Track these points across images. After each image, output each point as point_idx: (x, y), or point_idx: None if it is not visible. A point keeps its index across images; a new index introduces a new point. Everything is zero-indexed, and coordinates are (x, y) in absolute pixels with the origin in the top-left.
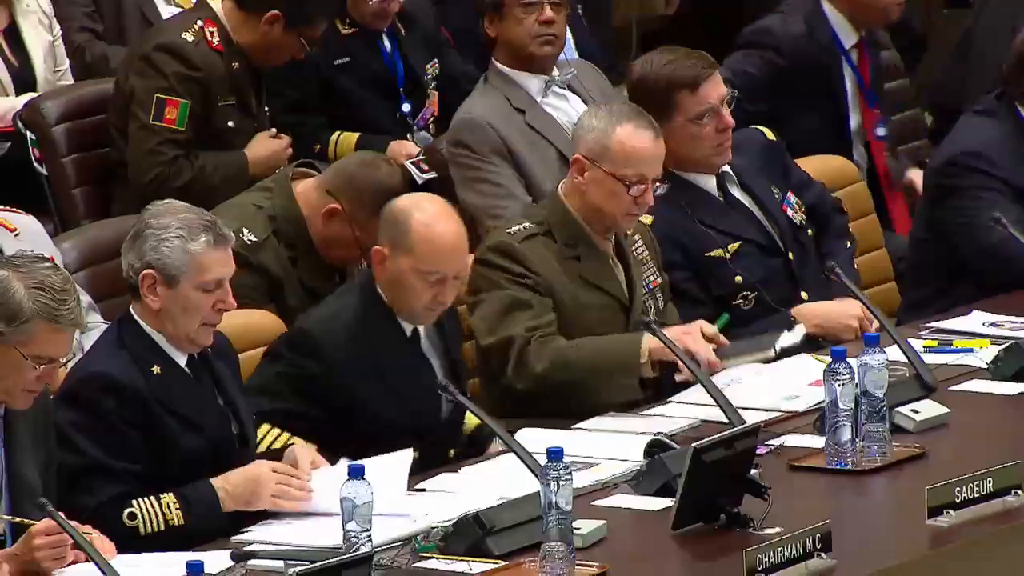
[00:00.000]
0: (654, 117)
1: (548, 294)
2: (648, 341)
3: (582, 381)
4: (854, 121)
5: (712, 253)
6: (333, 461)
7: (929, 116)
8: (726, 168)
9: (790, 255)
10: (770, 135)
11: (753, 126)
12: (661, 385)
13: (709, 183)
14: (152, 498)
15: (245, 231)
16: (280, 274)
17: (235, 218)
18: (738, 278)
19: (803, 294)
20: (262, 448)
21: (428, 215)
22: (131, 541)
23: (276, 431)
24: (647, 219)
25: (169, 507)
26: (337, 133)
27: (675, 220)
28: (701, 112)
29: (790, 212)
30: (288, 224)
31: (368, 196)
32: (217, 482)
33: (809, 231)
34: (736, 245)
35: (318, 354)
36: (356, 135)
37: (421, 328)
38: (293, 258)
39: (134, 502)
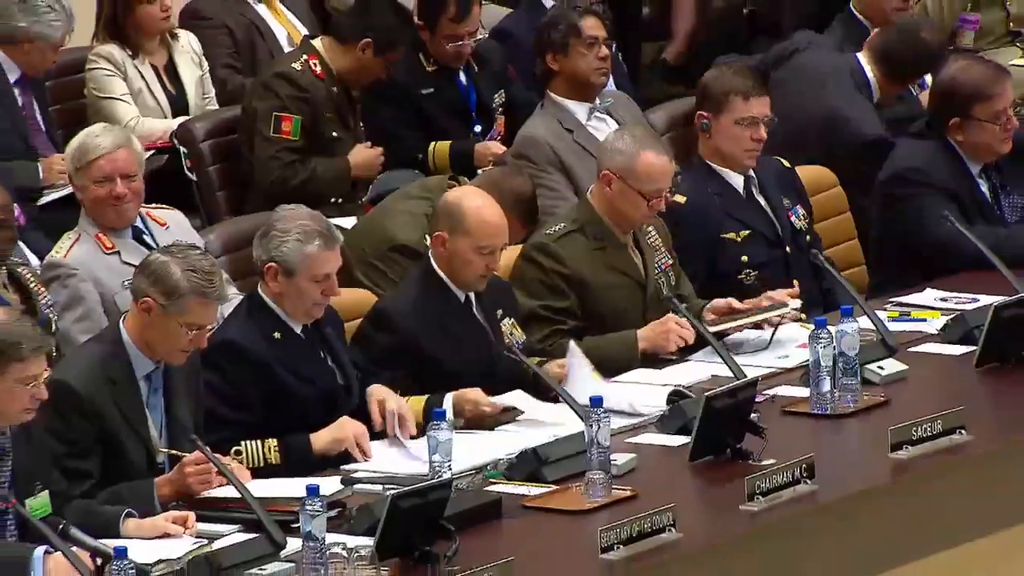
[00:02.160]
0: (709, 112)
1: (577, 284)
2: (640, 342)
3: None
4: None
5: (727, 235)
6: None
7: None
8: (751, 173)
9: (787, 249)
10: (785, 164)
11: (773, 156)
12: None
13: (737, 181)
14: (258, 441)
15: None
16: None
17: (415, 227)
18: (744, 258)
19: (795, 281)
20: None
21: (477, 203)
22: None
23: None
24: (681, 199)
25: (270, 449)
26: (432, 143)
27: (703, 203)
28: (744, 118)
29: (794, 219)
30: None
31: (511, 202)
32: (313, 436)
33: (807, 237)
34: (747, 233)
35: (391, 326)
36: (448, 143)
37: (472, 296)
38: None
39: (243, 443)
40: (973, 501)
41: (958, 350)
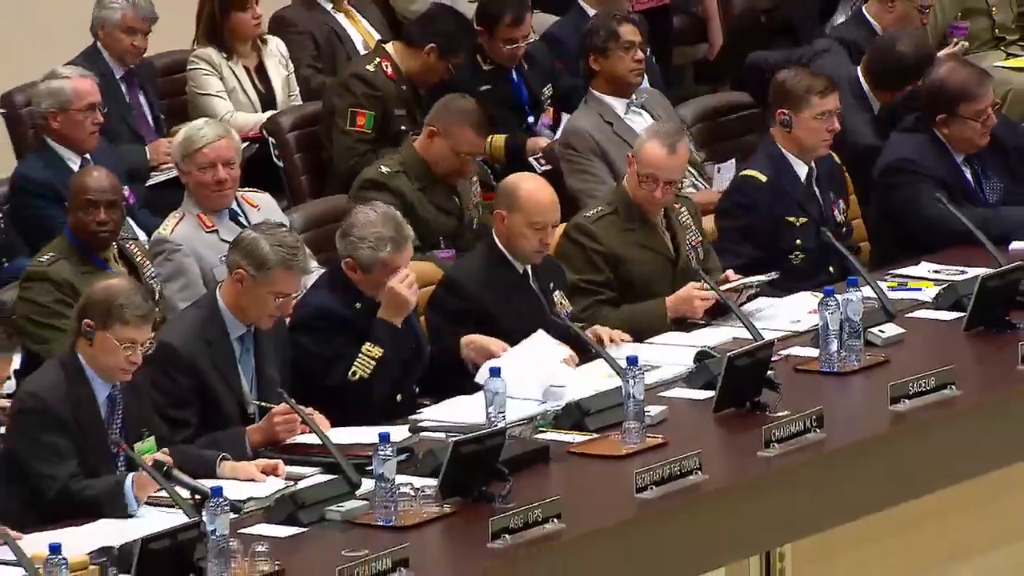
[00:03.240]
0: (789, 108)
1: (612, 260)
2: (669, 311)
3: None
4: None
5: (790, 218)
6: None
7: None
8: (812, 165)
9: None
10: (836, 159)
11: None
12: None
13: (802, 171)
14: (360, 354)
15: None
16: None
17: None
18: (799, 241)
19: (830, 267)
20: None
21: (531, 184)
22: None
23: None
24: (763, 177)
25: (370, 351)
26: (490, 137)
27: (780, 185)
28: (823, 113)
29: (836, 212)
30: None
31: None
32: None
33: (843, 228)
34: (805, 220)
35: (462, 295)
36: (503, 136)
37: (529, 268)
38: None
39: (354, 365)
40: (962, 448)
41: (949, 316)
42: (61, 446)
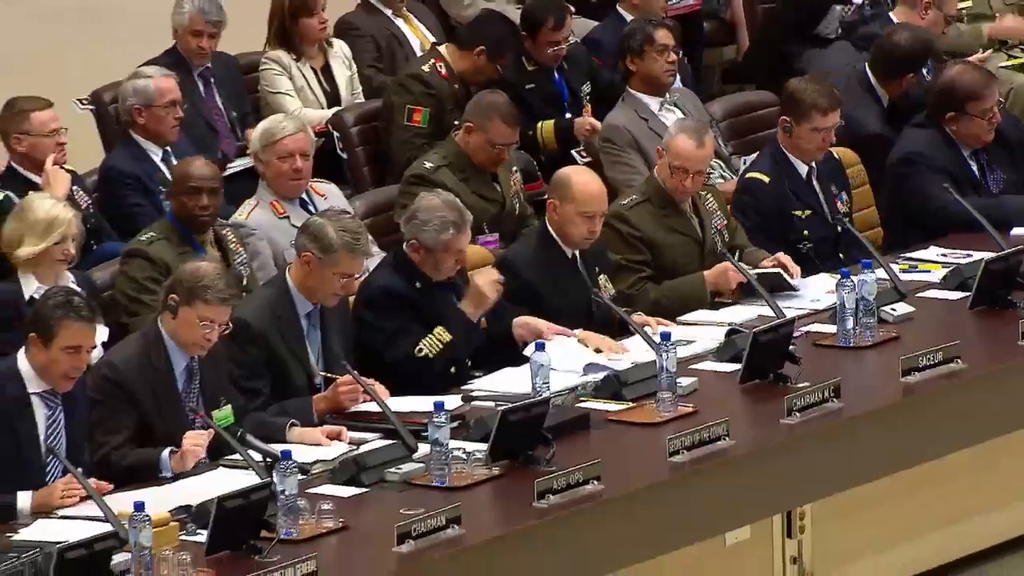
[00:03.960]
0: (792, 117)
1: (646, 243)
2: (708, 284)
3: (673, 308)
4: None
5: (796, 212)
6: None
7: None
8: (813, 164)
9: (837, 228)
10: (836, 156)
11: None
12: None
13: (803, 169)
14: (430, 336)
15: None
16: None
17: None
18: (805, 232)
19: (840, 254)
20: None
21: (583, 177)
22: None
23: None
24: (765, 178)
25: (440, 334)
26: (540, 122)
27: (782, 183)
28: (820, 128)
29: (839, 204)
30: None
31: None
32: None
33: (847, 219)
34: (810, 212)
35: (516, 275)
36: (552, 121)
37: (577, 253)
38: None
39: (422, 344)
40: (967, 416)
41: (955, 296)
42: (120, 417)
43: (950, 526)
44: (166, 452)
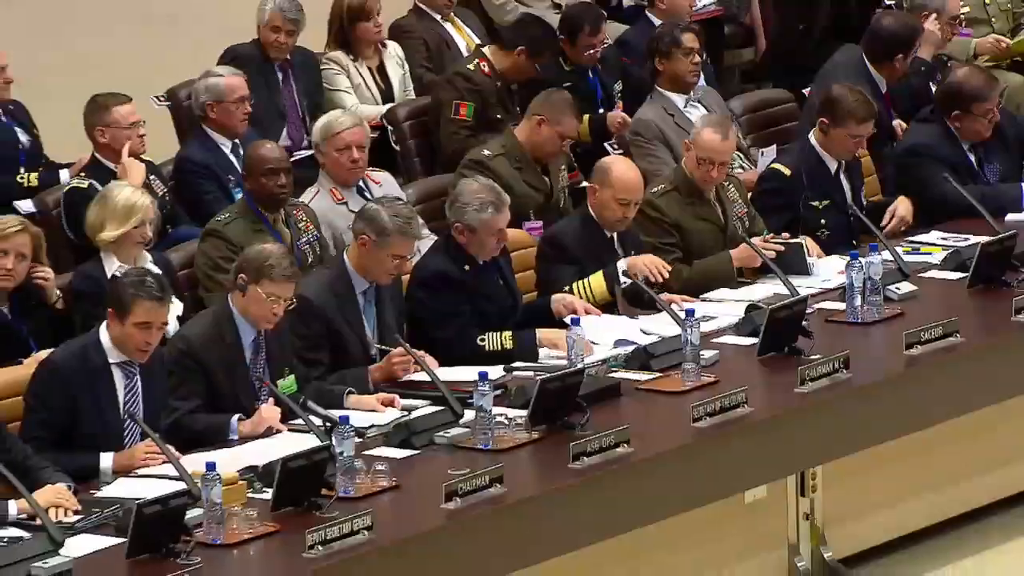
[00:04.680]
0: (830, 119)
1: (674, 227)
2: (734, 261)
3: (703, 285)
4: None
5: (812, 202)
6: None
7: None
8: (842, 161)
9: (851, 218)
10: (857, 155)
11: None
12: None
13: (833, 165)
14: (499, 332)
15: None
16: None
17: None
18: (822, 220)
19: (853, 240)
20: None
21: (621, 166)
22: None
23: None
24: (787, 170)
25: (506, 339)
26: (585, 116)
27: (800, 175)
28: (855, 134)
29: (863, 198)
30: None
31: (558, 105)
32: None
33: (860, 209)
34: (827, 202)
35: (562, 247)
36: (587, 116)
37: (615, 236)
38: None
39: (486, 334)
40: (965, 386)
41: (954, 276)
42: (192, 386)
43: (949, 486)
44: (235, 418)
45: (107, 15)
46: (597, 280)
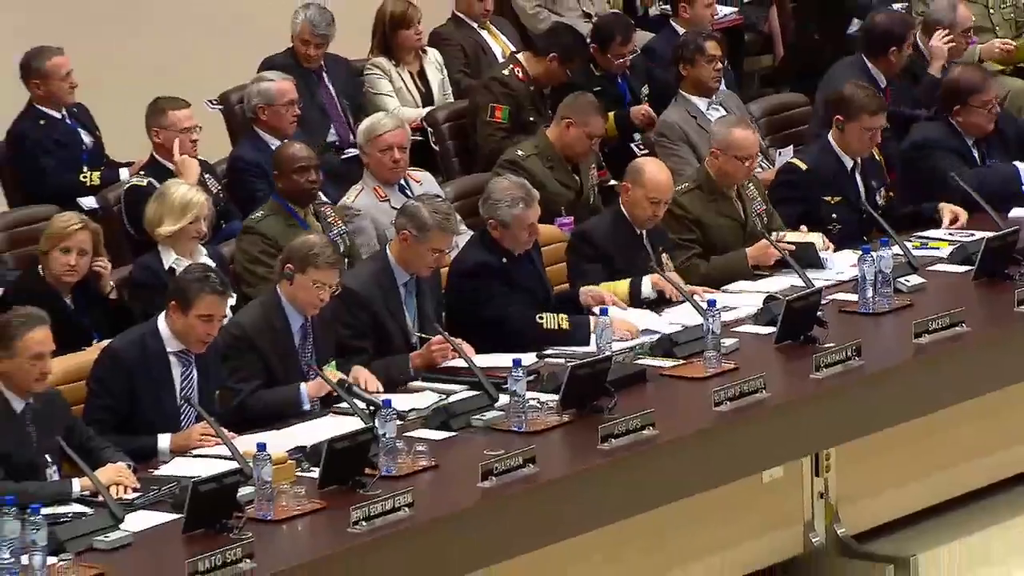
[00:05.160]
0: (844, 116)
1: (697, 224)
2: (749, 259)
3: (719, 280)
4: None
5: (825, 198)
6: None
7: None
8: (858, 160)
9: (864, 215)
10: (876, 156)
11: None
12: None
13: (849, 163)
14: (554, 314)
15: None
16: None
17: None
18: (834, 215)
19: (864, 236)
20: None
21: (653, 167)
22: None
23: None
24: (803, 165)
25: (562, 320)
26: (610, 113)
27: (817, 172)
28: (869, 128)
29: (878, 197)
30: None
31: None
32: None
33: (876, 208)
34: (839, 199)
35: (593, 244)
36: (613, 113)
37: (644, 232)
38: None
39: (543, 315)
40: (970, 372)
41: (961, 269)
42: (251, 367)
43: (956, 466)
44: (303, 385)
45: (168, 22)
46: (621, 289)
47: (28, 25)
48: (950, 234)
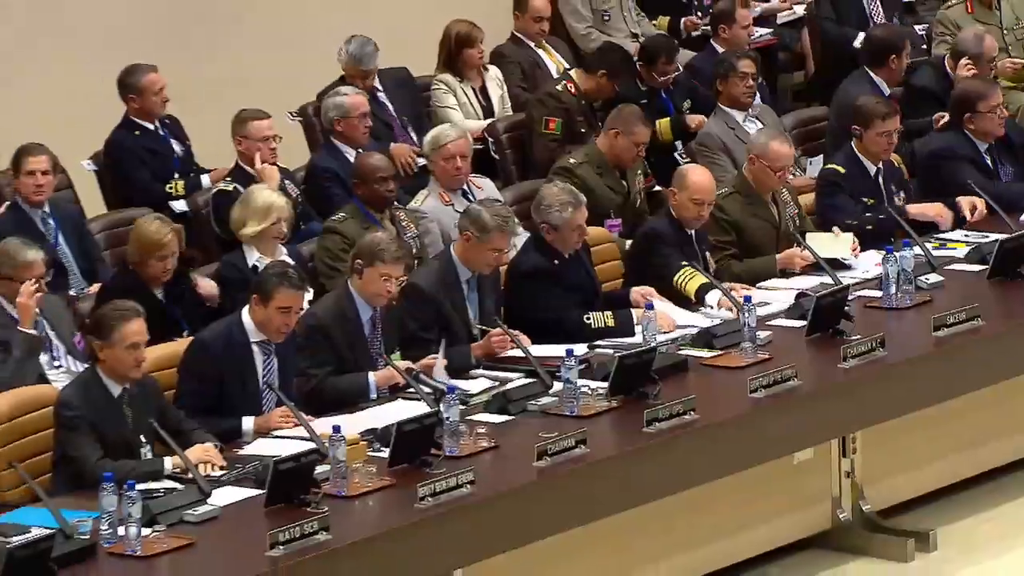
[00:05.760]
0: (860, 125)
1: (735, 226)
2: (778, 263)
3: (749, 280)
4: None
5: (864, 199)
6: None
7: None
8: (879, 166)
9: (886, 218)
10: (896, 163)
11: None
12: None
13: (872, 169)
14: (600, 313)
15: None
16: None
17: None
18: (868, 215)
19: (891, 238)
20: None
21: (696, 172)
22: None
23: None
24: (841, 169)
25: (608, 317)
26: (657, 121)
27: (854, 177)
28: (883, 132)
29: (897, 200)
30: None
31: (630, 118)
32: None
33: (899, 212)
34: (873, 200)
35: (658, 244)
36: (668, 119)
37: (693, 232)
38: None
39: (591, 314)
40: (985, 363)
41: (977, 268)
42: (324, 354)
43: (971, 448)
44: (371, 374)
45: (252, 41)
46: (691, 286)
47: (127, 43)
48: (966, 235)
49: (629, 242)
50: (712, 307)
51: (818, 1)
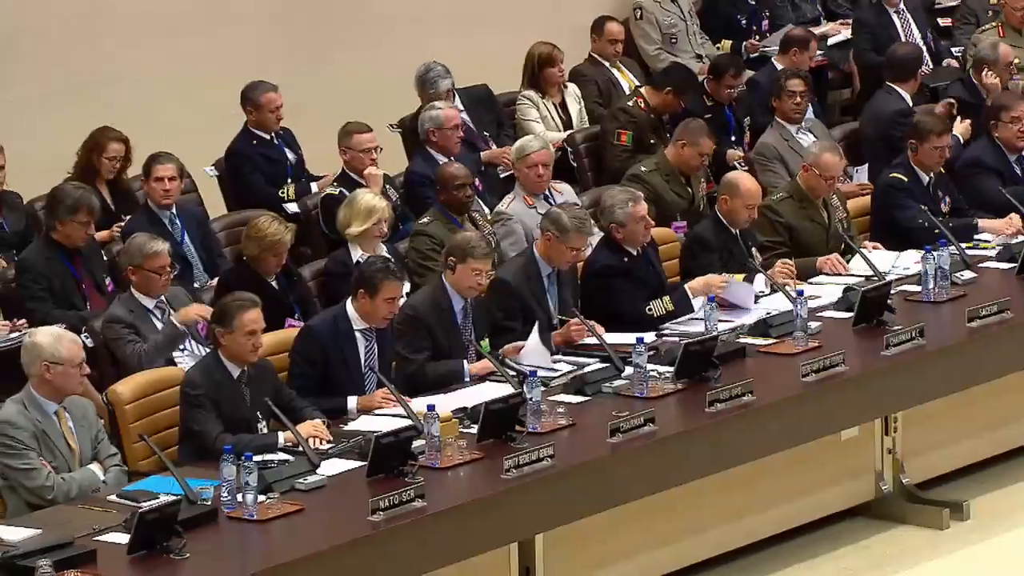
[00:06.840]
0: (916, 139)
1: (788, 228)
2: (818, 263)
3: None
4: None
5: (922, 205)
6: None
7: None
8: (931, 175)
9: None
10: (941, 170)
11: None
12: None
13: (925, 179)
14: (659, 299)
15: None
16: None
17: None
18: (920, 221)
19: (934, 232)
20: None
21: (745, 180)
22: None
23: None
24: (904, 178)
25: (667, 302)
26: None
27: (914, 185)
28: (937, 146)
29: (943, 205)
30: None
31: (697, 131)
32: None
33: (943, 216)
34: (925, 208)
35: (697, 249)
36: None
37: (739, 232)
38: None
39: (651, 303)
40: (1016, 349)
41: (1006, 266)
42: (421, 341)
43: (1002, 426)
44: (465, 362)
45: (358, 61)
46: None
47: (250, 63)
48: (996, 238)
49: None
50: (764, 291)
51: (855, 31)
